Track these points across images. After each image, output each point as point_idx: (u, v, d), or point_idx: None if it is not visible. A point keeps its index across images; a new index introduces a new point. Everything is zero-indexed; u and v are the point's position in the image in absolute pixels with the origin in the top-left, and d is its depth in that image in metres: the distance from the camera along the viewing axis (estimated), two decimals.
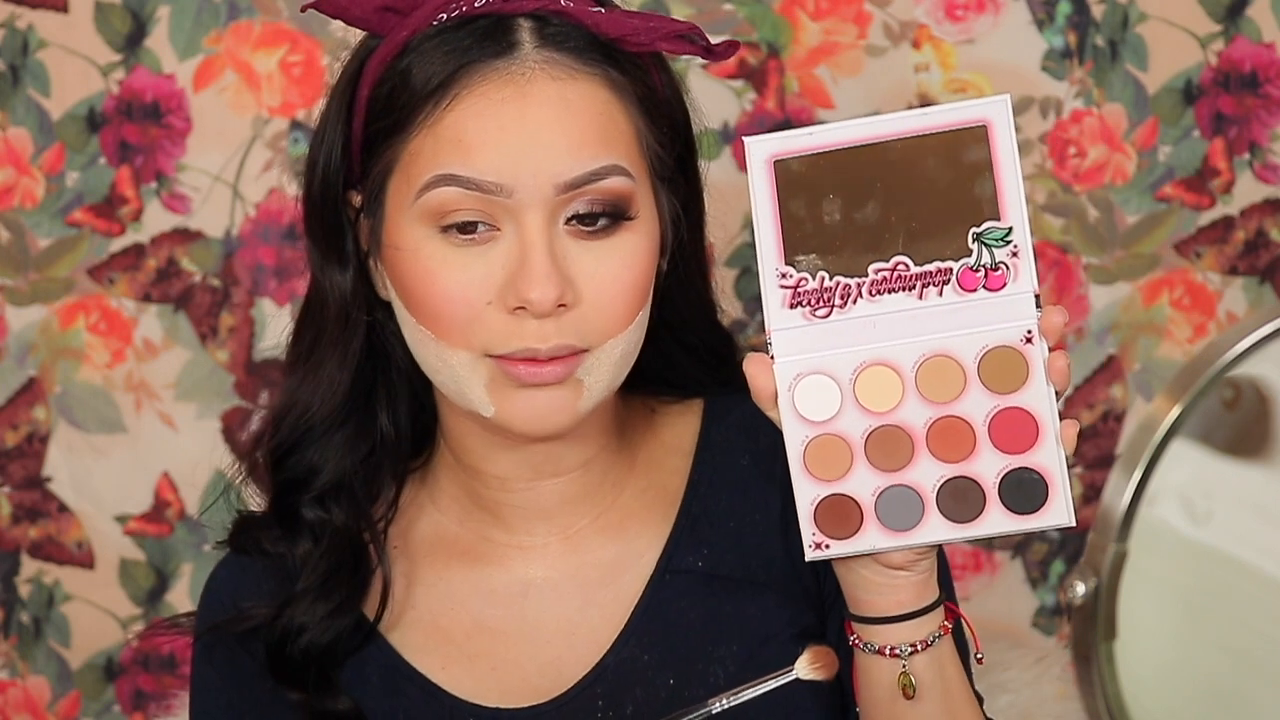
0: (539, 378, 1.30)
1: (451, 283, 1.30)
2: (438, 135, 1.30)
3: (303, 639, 1.38)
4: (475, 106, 1.29)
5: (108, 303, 2.07)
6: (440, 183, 1.29)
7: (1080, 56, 2.07)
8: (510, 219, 1.30)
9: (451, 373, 1.32)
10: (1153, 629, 1.07)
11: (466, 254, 1.30)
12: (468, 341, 1.31)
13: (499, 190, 1.28)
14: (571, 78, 1.31)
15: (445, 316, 1.31)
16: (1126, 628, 1.06)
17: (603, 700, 1.37)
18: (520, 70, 1.30)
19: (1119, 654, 1.06)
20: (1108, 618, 1.06)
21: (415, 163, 1.31)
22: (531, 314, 1.29)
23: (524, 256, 1.29)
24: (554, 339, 1.30)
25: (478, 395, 1.32)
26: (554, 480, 1.40)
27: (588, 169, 1.30)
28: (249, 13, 2.04)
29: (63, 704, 2.12)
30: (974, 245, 1.21)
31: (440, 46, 1.31)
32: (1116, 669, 1.06)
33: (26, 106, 2.05)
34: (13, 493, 2.10)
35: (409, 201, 1.31)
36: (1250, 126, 2.08)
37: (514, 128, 1.29)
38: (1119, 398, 2.11)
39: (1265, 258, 2.10)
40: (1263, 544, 1.07)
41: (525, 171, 1.28)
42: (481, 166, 1.28)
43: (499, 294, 1.30)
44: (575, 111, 1.30)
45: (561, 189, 1.29)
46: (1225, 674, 1.09)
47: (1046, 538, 2.13)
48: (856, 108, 2.05)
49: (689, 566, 1.41)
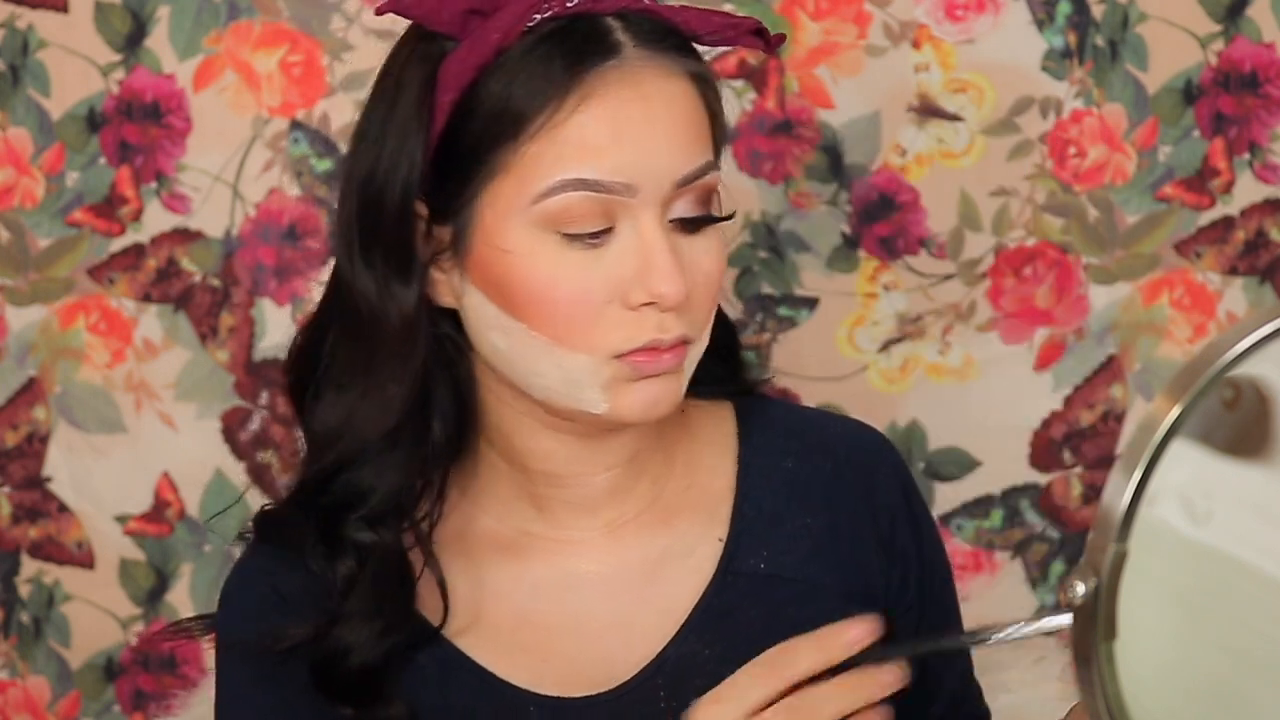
0: (660, 366, 1.32)
1: (574, 287, 1.30)
2: (561, 139, 1.29)
3: (352, 659, 1.36)
4: (597, 109, 1.30)
5: (108, 303, 2.07)
6: (567, 187, 1.29)
7: (1080, 56, 2.07)
8: (628, 217, 1.31)
9: (565, 376, 1.32)
10: (1153, 629, 1.07)
11: (585, 255, 1.31)
12: (590, 344, 1.31)
13: (626, 190, 1.30)
14: (672, 75, 1.32)
15: (567, 320, 1.31)
16: (1126, 628, 1.06)
17: (664, 690, 1.38)
18: (631, 70, 1.31)
19: (1119, 654, 1.06)
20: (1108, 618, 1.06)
21: (535, 166, 1.30)
22: (659, 309, 1.31)
23: (649, 254, 1.30)
24: (674, 330, 1.32)
25: (590, 395, 1.33)
26: (605, 474, 1.40)
27: (696, 165, 1.32)
28: (249, 13, 2.04)
29: (63, 704, 2.12)
30: None
31: (546, 51, 1.31)
32: (1116, 669, 1.06)
33: (26, 106, 2.05)
34: (13, 493, 2.10)
35: (522, 206, 1.30)
36: (1250, 126, 2.08)
37: (638, 128, 1.30)
38: (1119, 398, 2.11)
39: (1265, 258, 2.10)
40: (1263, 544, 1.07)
41: (648, 170, 1.30)
42: (609, 167, 1.29)
43: (622, 292, 1.31)
44: (681, 109, 1.32)
45: (677, 184, 1.31)
46: (1225, 674, 1.09)
47: (1046, 537, 2.13)
48: (856, 108, 2.06)
49: (750, 569, 1.42)
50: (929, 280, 2.10)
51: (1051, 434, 2.11)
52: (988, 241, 2.09)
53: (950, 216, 2.08)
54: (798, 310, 2.09)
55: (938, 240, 2.08)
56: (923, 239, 2.08)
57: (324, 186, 2.06)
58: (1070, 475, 2.12)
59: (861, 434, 1.49)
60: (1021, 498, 2.12)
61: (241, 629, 1.40)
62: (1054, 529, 2.12)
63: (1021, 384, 2.11)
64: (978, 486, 2.12)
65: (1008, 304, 2.10)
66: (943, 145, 2.08)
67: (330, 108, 2.06)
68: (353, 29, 2.05)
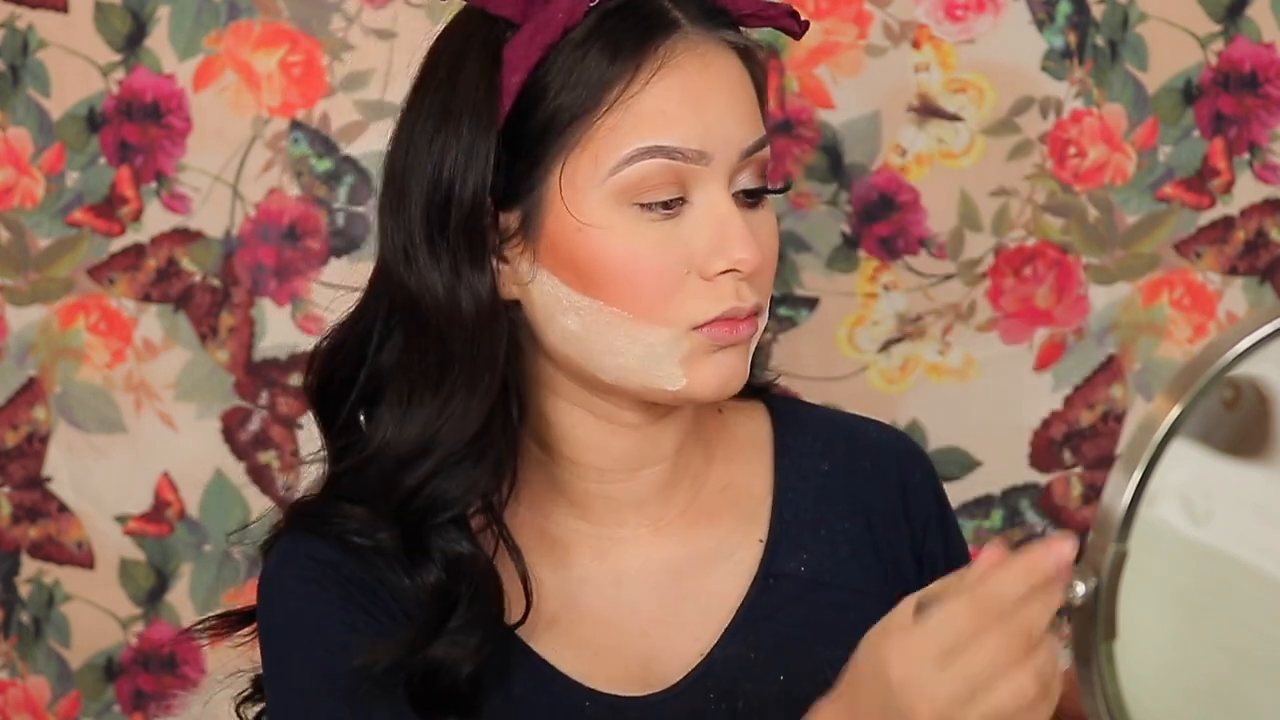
0: (737, 336, 1.33)
1: (655, 260, 1.32)
2: (637, 111, 1.31)
3: (460, 672, 1.33)
4: (671, 79, 1.32)
5: (108, 303, 2.07)
6: (645, 155, 1.31)
7: (1080, 56, 2.07)
8: (701, 187, 1.33)
9: (645, 352, 1.33)
10: (1153, 629, 1.07)
11: (662, 228, 1.32)
12: (669, 318, 1.32)
13: (700, 158, 1.32)
14: (728, 51, 1.36)
15: (650, 293, 1.32)
16: (1126, 628, 1.06)
17: (714, 694, 1.38)
18: (695, 45, 1.34)
19: (1119, 654, 1.06)
20: (1108, 618, 1.06)
21: (610, 138, 1.31)
22: (736, 276, 1.32)
23: (723, 222, 1.32)
24: (751, 298, 1.33)
25: (668, 371, 1.33)
26: (654, 468, 1.40)
27: (757, 137, 1.35)
28: (249, 13, 2.04)
29: (63, 704, 2.12)
30: None
31: (614, 26, 1.33)
32: (1116, 669, 1.06)
33: (26, 106, 2.05)
34: (13, 493, 2.10)
35: (599, 178, 1.31)
36: (1250, 126, 2.08)
37: (708, 97, 1.33)
38: (1119, 398, 2.11)
39: (1265, 258, 2.10)
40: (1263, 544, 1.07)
41: (720, 139, 1.32)
42: (684, 135, 1.31)
43: (700, 262, 1.32)
44: (741, 83, 1.35)
45: (743, 154, 1.34)
46: (1225, 674, 1.09)
47: (1046, 537, 2.13)
48: (857, 108, 2.06)
49: (791, 571, 1.42)
50: (929, 280, 2.09)
51: (1051, 434, 2.11)
52: (988, 241, 2.09)
53: (950, 216, 2.08)
54: (798, 310, 2.09)
55: (938, 240, 2.08)
56: (923, 239, 2.08)
57: (324, 186, 2.06)
58: (1070, 475, 2.12)
59: (895, 441, 1.50)
60: (1021, 498, 2.12)
61: (320, 626, 1.34)
62: (1054, 529, 2.12)
63: (1021, 384, 2.11)
64: (978, 486, 2.12)
65: (1008, 304, 2.10)
66: (943, 145, 2.08)
67: (330, 108, 2.06)
68: (353, 29, 2.05)
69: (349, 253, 2.07)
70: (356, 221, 2.07)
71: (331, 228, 2.07)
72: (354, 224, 2.07)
